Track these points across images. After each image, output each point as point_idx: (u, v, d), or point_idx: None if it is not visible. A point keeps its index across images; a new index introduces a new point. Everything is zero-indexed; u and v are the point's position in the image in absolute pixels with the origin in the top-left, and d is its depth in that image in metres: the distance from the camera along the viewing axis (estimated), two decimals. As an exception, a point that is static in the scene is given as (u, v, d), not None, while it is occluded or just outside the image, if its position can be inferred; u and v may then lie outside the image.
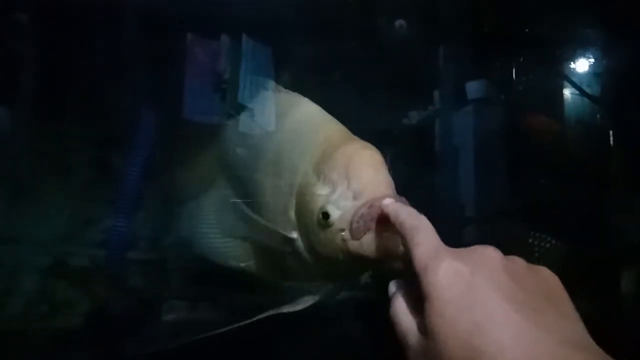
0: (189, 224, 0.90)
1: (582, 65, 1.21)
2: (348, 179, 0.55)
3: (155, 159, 0.97)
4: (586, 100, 1.18)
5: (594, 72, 1.19)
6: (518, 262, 0.36)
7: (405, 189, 0.57)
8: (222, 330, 0.67)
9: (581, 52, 1.20)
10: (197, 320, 0.95)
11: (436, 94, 1.24)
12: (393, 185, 0.56)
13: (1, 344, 0.84)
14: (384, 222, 0.50)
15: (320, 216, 0.55)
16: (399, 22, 1.20)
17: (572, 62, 1.21)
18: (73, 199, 1.01)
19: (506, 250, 0.36)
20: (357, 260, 0.54)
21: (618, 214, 1.11)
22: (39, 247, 0.96)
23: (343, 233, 0.53)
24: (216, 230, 0.83)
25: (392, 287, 0.41)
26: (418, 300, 0.35)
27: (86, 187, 1.02)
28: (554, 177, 1.16)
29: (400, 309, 0.38)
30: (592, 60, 1.20)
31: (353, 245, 0.52)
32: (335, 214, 0.54)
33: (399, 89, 1.20)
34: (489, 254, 0.35)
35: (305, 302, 0.66)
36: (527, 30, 1.18)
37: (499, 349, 0.29)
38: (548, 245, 1.04)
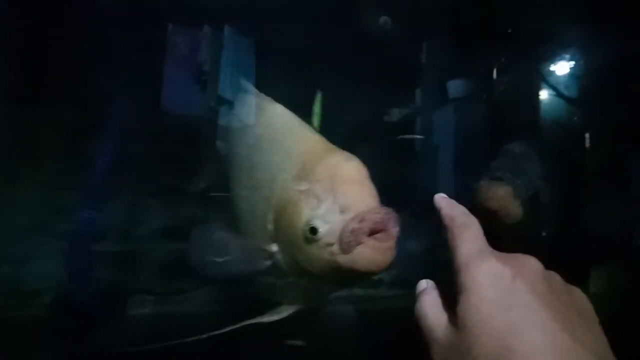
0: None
1: (561, 66, 1.21)
2: (333, 193, 0.55)
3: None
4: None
5: (573, 74, 1.19)
6: (556, 277, 0.37)
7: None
8: (198, 337, 0.67)
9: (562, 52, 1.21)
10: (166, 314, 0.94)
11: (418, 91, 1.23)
12: (377, 195, 0.56)
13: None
14: (373, 236, 0.51)
15: (307, 230, 0.55)
16: (384, 19, 1.19)
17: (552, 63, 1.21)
18: (44, 188, 0.99)
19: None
20: (345, 273, 0.54)
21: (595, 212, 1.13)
22: (8, 236, 0.94)
23: (331, 247, 0.53)
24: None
25: (422, 284, 0.41)
26: (448, 299, 0.37)
27: (58, 175, 1.00)
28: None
29: (429, 303, 0.38)
30: (572, 61, 1.20)
31: (343, 259, 0.53)
32: (323, 228, 0.54)
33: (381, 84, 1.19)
34: (531, 263, 0.36)
35: (283, 312, 0.66)
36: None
37: (532, 351, 0.30)
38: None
